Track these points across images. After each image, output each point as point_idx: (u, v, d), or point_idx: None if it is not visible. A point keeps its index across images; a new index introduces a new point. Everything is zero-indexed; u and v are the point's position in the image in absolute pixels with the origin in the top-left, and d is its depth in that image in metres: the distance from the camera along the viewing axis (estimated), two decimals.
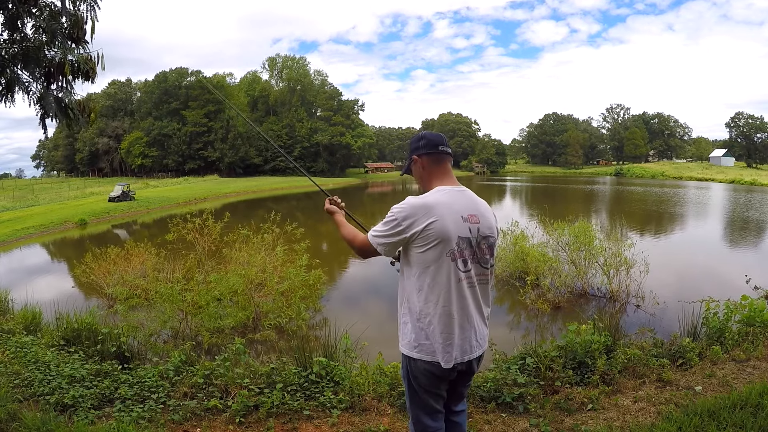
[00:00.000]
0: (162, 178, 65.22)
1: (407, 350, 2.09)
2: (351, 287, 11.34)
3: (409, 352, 2.08)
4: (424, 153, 2.18)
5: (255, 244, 8.42)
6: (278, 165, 72.99)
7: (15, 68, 3.77)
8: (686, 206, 29.59)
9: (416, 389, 2.12)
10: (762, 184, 49.69)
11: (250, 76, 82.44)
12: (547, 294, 8.65)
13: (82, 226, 23.19)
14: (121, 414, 3.36)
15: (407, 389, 2.19)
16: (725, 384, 3.76)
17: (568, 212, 17.20)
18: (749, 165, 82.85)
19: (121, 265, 9.33)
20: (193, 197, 36.37)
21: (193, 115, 69.45)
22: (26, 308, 6.67)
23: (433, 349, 2.02)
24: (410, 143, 2.25)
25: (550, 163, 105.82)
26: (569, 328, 4.36)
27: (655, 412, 3.36)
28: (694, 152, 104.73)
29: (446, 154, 2.20)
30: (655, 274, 9.19)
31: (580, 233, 9.59)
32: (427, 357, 2.03)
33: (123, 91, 78.87)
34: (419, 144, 2.20)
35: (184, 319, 7.12)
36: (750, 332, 4.77)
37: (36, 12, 3.70)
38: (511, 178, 76.42)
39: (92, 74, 3.93)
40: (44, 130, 4.12)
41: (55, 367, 4.04)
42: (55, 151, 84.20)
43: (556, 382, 3.84)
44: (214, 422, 3.39)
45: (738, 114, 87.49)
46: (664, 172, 71.56)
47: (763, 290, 8.23)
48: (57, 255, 17.59)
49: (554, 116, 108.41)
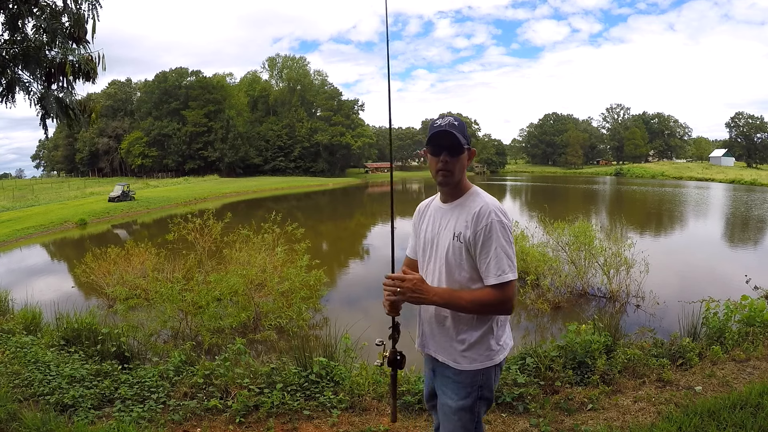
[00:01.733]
0: (162, 178, 65.26)
1: (494, 357, 1.91)
2: (351, 287, 11.34)
3: (495, 358, 1.91)
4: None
5: (255, 244, 8.42)
6: (278, 165, 73.03)
7: (16, 68, 3.77)
8: (686, 206, 29.59)
9: (487, 406, 1.98)
10: (762, 183, 49.69)
11: (250, 76, 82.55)
12: (547, 294, 8.66)
13: (82, 226, 23.20)
14: (121, 414, 3.36)
15: (477, 414, 1.94)
16: (725, 384, 3.76)
17: (568, 212, 17.19)
18: (749, 165, 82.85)
19: (121, 265, 9.33)
20: (193, 197, 36.37)
21: (193, 115, 69.50)
22: (26, 308, 6.67)
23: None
24: (463, 127, 1.91)
25: (550, 163, 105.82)
26: (569, 328, 4.36)
27: (655, 412, 3.37)
28: (694, 152, 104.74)
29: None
30: (655, 274, 9.19)
31: (580, 233, 9.60)
32: (507, 353, 1.99)
33: (123, 91, 78.90)
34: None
35: (184, 319, 7.13)
36: (750, 332, 4.77)
37: (37, 12, 3.70)
38: (511, 178, 76.43)
39: (93, 74, 3.94)
40: (45, 131, 4.12)
41: (55, 367, 4.04)
42: (55, 151, 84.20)
43: (556, 382, 3.84)
44: (214, 422, 3.39)
45: (738, 114, 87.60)
46: (664, 172, 71.52)
47: (763, 290, 8.23)
48: (57, 255, 17.59)
49: (554, 116, 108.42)
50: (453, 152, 1.86)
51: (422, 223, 2.07)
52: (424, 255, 2.02)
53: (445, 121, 1.88)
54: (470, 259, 1.85)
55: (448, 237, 1.90)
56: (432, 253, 1.97)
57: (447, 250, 1.89)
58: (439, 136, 1.84)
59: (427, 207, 2.10)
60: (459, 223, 1.88)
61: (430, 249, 1.98)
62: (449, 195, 1.95)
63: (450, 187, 1.91)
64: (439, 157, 1.86)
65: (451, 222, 1.91)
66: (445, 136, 1.84)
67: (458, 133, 1.84)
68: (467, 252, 1.85)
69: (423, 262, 2.03)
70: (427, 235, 2.01)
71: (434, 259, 1.96)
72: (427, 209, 2.09)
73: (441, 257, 1.92)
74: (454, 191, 1.94)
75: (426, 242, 2.01)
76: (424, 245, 2.03)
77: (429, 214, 2.05)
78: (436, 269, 1.95)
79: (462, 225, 1.86)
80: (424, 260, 2.02)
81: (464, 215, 1.88)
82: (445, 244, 1.91)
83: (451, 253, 1.88)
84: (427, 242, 2.00)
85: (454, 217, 1.91)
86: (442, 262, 1.91)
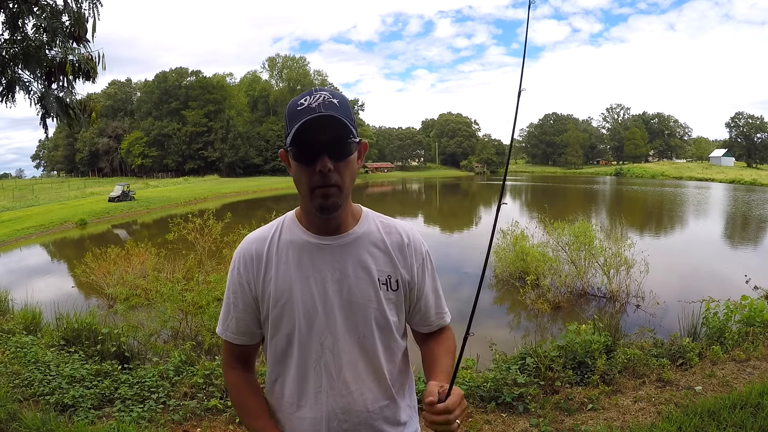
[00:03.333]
0: (162, 178, 65.25)
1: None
2: None
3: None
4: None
5: None
6: (278, 165, 72.97)
7: (16, 68, 3.77)
8: (686, 206, 29.60)
9: None
10: (762, 183, 49.67)
11: (250, 76, 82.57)
12: (547, 294, 8.66)
13: (82, 226, 23.19)
14: (121, 414, 3.36)
15: None
16: (725, 384, 3.76)
17: (568, 212, 17.20)
18: (749, 165, 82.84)
19: (121, 265, 9.33)
20: (193, 197, 36.37)
21: (193, 115, 69.49)
22: (26, 308, 6.67)
23: None
24: (346, 106, 1.15)
25: (550, 163, 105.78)
26: (569, 328, 4.37)
27: (655, 412, 3.37)
28: (694, 152, 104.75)
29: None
30: (655, 274, 9.19)
31: (580, 233, 9.59)
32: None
33: (123, 91, 78.94)
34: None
35: (184, 319, 7.12)
36: (750, 332, 4.78)
37: (37, 11, 3.70)
38: (511, 178, 76.41)
39: (93, 74, 3.94)
40: (45, 130, 4.13)
41: (55, 367, 4.04)
42: (55, 151, 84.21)
43: (556, 382, 3.84)
44: (214, 422, 3.39)
45: (738, 114, 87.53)
46: (664, 172, 71.51)
47: (763, 290, 8.23)
48: (57, 255, 17.59)
49: (554, 116, 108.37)
50: (339, 151, 1.11)
51: (272, 277, 1.21)
52: (300, 330, 1.19)
53: (316, 98, 1.11)
54: (399, 313, 1.26)
55: (364, 288, 1.20)
56: (325, 323, 1.18)
57: (368, 310, 1.20)
58: (314, 125, 1.08)
59: (274, 247, 1.23)
60: (372, 262, 1.21)
61: (319, 316, 1.18)
62: (336, 223, 1.20)
63: (339, 211, 1.16)
64: (315, 165, 1.10)
65: (351, 264, 1.20)
66: (324, 124, 1.09)
67: (342, 116, 1.10)
68: (400, 303, 1.26)
69: (295, 342, 1.20)
70: (303, 295, 1.19)
71: (334, 331, 1.19)
72: (274, 250, 1.22)
73: (358, 324, 1.20)
74: (343, 216, 1.20)
75: (304, 306, 1.18)
76: (295, 312, 1.19)
77: (288, 258, 1.21)
78: (344, 349, 1.19)
79: (384, 263, 1.23)
80: (298, 339, 1.20)
81: (375, 250, 1.23)
82: (362, 301, 1.20)
83: (379, 314, 1.21)
84: (306, 306, 1.18)
85: (352, 255, 1.21)
86: (362, 332, 1.20)
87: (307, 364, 1.21)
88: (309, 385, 1.21)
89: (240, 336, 1.26)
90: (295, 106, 1.12)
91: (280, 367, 1.25)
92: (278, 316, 1.21)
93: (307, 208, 1.19)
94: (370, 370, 1.23)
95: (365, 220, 1.26)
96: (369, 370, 1.23)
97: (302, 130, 1.08)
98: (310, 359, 1.20)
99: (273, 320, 1.22)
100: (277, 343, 1.23)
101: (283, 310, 1.20)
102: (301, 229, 1.23)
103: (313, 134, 1.09)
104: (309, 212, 1.20)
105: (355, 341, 1.20)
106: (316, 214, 1.16)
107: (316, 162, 1.10)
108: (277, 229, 1.26)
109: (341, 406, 1.20)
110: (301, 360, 1.21)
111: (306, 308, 1.19)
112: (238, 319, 1.25)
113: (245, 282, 1.23)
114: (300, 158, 1.12)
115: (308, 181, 1.12)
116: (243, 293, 1.24)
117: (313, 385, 1.21)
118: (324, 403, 1.20)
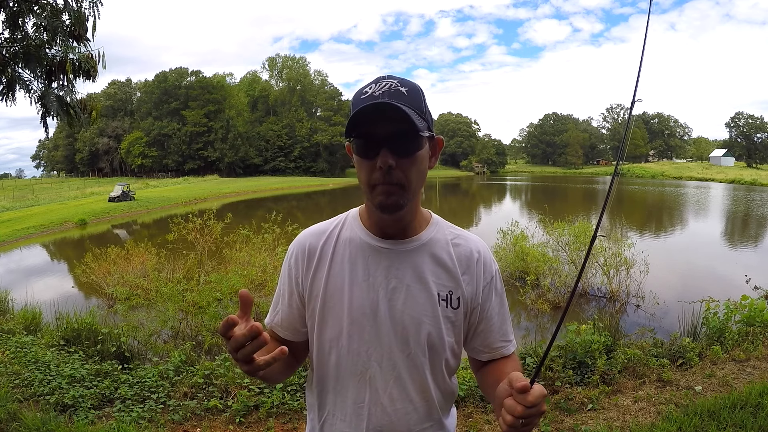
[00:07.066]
0: (162, 178, 65.24)
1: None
2: None
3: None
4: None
5: (256, 244, 8.41)
6: (278, 165, 73.04)
7: (16, 67, 3.77)
8: (686, 206, 29.60)
9: None
10: (762, 183, 49.69)
11: (250, 76, 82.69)
12: (547, 294, 8.65)
13: (82, 226, 23.18)
14: (121, 414, 3.36)
15: None
16: (725, 384, 3.76)
17: (568, 212, 17.22)
18: (749, 165, 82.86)
19: (121, 265, 9.32)
20: (193, 197, 36.35)
21: (193, 115, 69.51)
22: (26, 308, 6.66)
23: None
24: (418, 96, 1.03)
25: (550, 163, 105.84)
26: (569, 328, 4.37)
27: (655, 412, 3.36)
28: (694, 152, 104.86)
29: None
30: (655, 274, 9.19)
31: (580, 233, 9.59)
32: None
33: (123, 91, 78.93)
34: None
35: (185, 319, 7.12)
36: (750, 332, 4.78)
37: (37, 10, 3.70)
38: (511, 178, 76.46)
39: (93, 73, 3.94)
40: (45, 129, 4.13)
41: (55, 367, 4.03)
42: (55, 151, 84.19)
43: (556, 382, 3.84)
44: (214, 422, 3.39)
45: (738, 114, 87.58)
46: (664, 172, 71.58)
47: (763, 290, 8.22)
48: (57, 255, 17.58)
49: (554, 116, 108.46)
50: (404, 146, 1.00)
51: (323, 276, 1.13)
52: (347, 336, 1.10)
53: (382, 86, 1.00)
54: (457, 334, 1.14)
55: (420, 301, 1.09)
56: (375, 334, 1.09)
57: (423, 326, 1.09)
58: (372, 115, 0.97)
59: (331, 244, 1.15)
60: (432, 274, 1.11)
61: (368, 325, 1.09)
62: (400, 225, 1.10)
63: (403, 211, 1.05)
64: (375, 160, 1.00)
65: (409, 273, 1.10)
66: (383, 115, 0.97)
67: (410, 107, 0.98)
68: (459, 323, 1.13)
69: (338, 350, 1.11)
70: (352, 300, 1.10)
71: (384, 344, 1.09)
72: (330, 248, 1.14)
73: (409, 340, 1.09)
74: (408, 218, 1.10)
75: (351, 312, 1.10)
76: (343, 316, 1.10)
77: (343, 257, 1.13)
78: (392, 364, 1.10)
79: (446, 277, 1.11)
80: (342, 347, 1.11)
81: (439, 262, 1.12)
82: (416, 315, 1.09)
83: (434, 331, 1.10)
84: (355, 312, 1.09)
85: (412, 264, 1.10)
86: (413, 349, 1.09)
87: (349, 375, 1.11)
88: (348, 397, 1.12)
89: (284, 330, 1.19)
90: (359, 95, 1.02)
91: (319, 372, 1.16)
92: (323, 320, 1.12)
93: (369, 205, 1.11)
94: (418, 389, 1.12)
95: (433, 228, 1.15)
96: (417, 389, 1.12)
97: (359, 121, 0.98)
98: (353, 371, 1.11)
99: (318, 322, 1.13)
100: (320, 347, 1.14)
101: (329, 314, 1.12)
102: (361, 228, 1.14)
103: (372, 126, 0.99)
104: (371, 210, 1.11)
105: (405, 357, 1.10)
106: (377, 211, 1.06)
107: (375, 156, 1.00)
108: (339, 224, 1.18)
109: (383, 423, 1.11)
110: (343, 370, 1.12)
111: (355, 316, 1.09)
112: (283, 312, 1.19)
113: (294, 277, 1.16)
114: (359, 151, 1.03)
115: (367, 176, 1.03)
116: (290, 288, 1.17)
117: (353, 398, 1.12)
118: (365, 419, 1.11)
